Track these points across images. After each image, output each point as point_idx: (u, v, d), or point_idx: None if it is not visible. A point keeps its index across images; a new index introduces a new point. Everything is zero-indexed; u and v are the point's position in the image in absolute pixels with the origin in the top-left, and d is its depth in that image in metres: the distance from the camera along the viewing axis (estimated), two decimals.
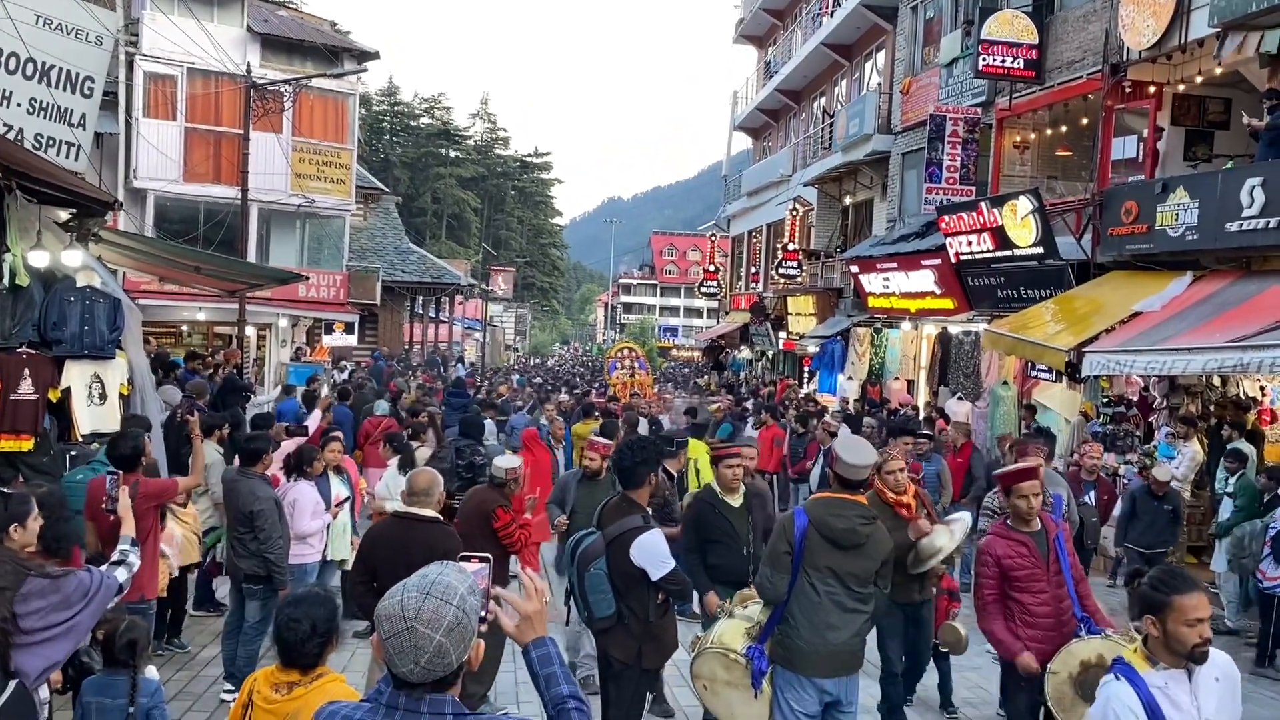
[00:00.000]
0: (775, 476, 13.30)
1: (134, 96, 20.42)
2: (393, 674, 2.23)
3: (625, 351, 22.99)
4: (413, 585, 2.22)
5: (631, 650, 5.02)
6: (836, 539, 4.68)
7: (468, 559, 2.42)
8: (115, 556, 4.18)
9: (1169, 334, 10.62)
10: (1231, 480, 9.93)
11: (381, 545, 5.20)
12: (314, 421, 10.89)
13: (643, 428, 12.30)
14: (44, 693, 3.71)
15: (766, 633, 4.86)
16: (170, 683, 6.92)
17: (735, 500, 6.04)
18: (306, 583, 7.33)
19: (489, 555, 2.47)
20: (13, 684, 3.23)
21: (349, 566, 7.65)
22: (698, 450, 9.97)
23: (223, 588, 8.41)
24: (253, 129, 18.59)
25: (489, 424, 12.63)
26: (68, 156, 10.29)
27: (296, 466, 7.32)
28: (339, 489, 7.83)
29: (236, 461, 7.63)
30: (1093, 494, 9.44)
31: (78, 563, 5.31)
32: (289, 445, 8.25)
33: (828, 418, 13.80)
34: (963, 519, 6.20)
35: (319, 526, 7.37)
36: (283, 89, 20.77)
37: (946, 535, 5.95)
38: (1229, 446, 10.51)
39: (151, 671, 4.57)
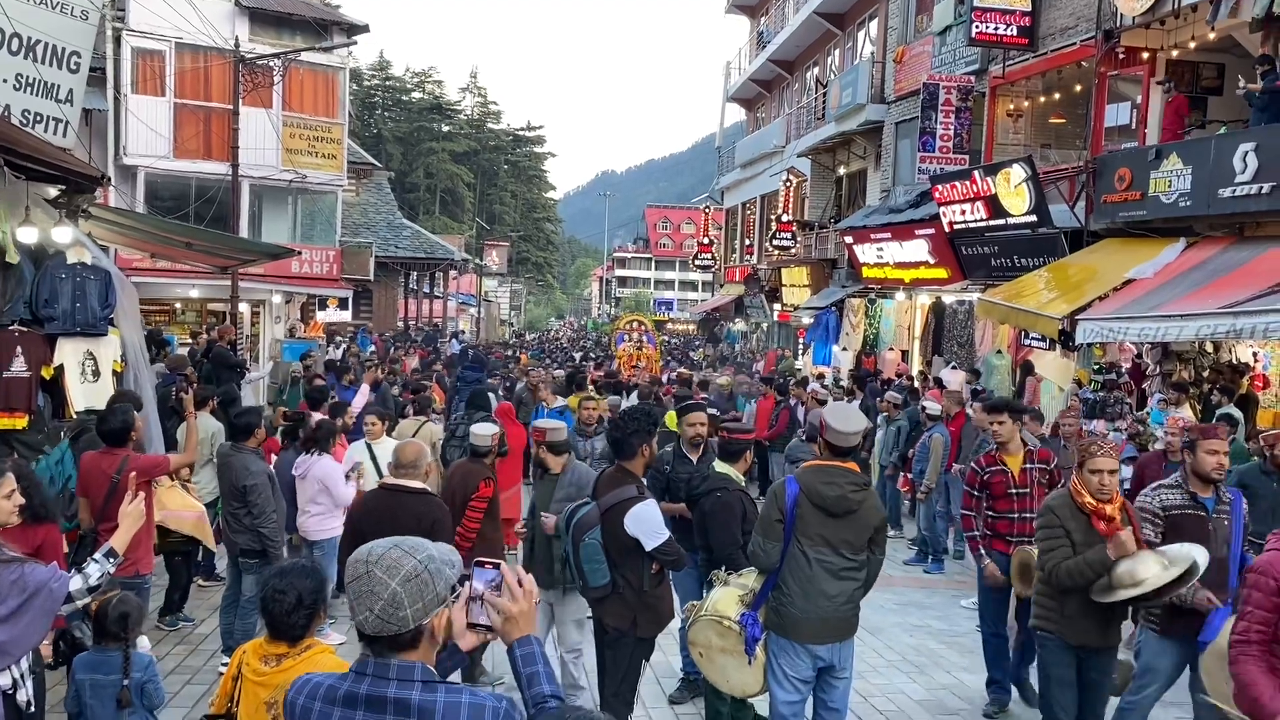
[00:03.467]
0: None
1: (122, 72, 20.24)
2: (358, 631, 2.26)
3: (633, 324, 22.99)
4: (387, 538, 2.28)
5: (626, 619, 5.06)
6: (828, 506, 4.70)
7: (482, 564, 2.42)
8: (86, 562, 3.98)
9: (1162, 301, 10.64)
10: None
11: (370, 516, 5.23)
12: (361, 397, 10.81)
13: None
14: (3, 680, 3.68)
15: (760, 600, 4.90)
16: (168, 656, 6.97)
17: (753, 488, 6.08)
18: None
19: (501, 562, 2.44)
20: None
21: None
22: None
23: (221, 561, 8.45)
24: (242, 104, 18.46)
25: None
26: (55, 132, 10.19)
27: (317, 442, 7.33)
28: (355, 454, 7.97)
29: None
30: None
31: (61, 543, 5.28)
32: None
33: (815, 386, 13.88)
34: (1189, 553, 4.62)
35: (354, 491, 7.40)
36: (272, 63, 20.61)
37: (1157, 565, 4.57)
38: (1219, 412, 10.54)
39: (144, 644, 4.58)
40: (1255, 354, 12.52)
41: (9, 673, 3.76)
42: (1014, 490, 6.41)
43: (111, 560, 4.00)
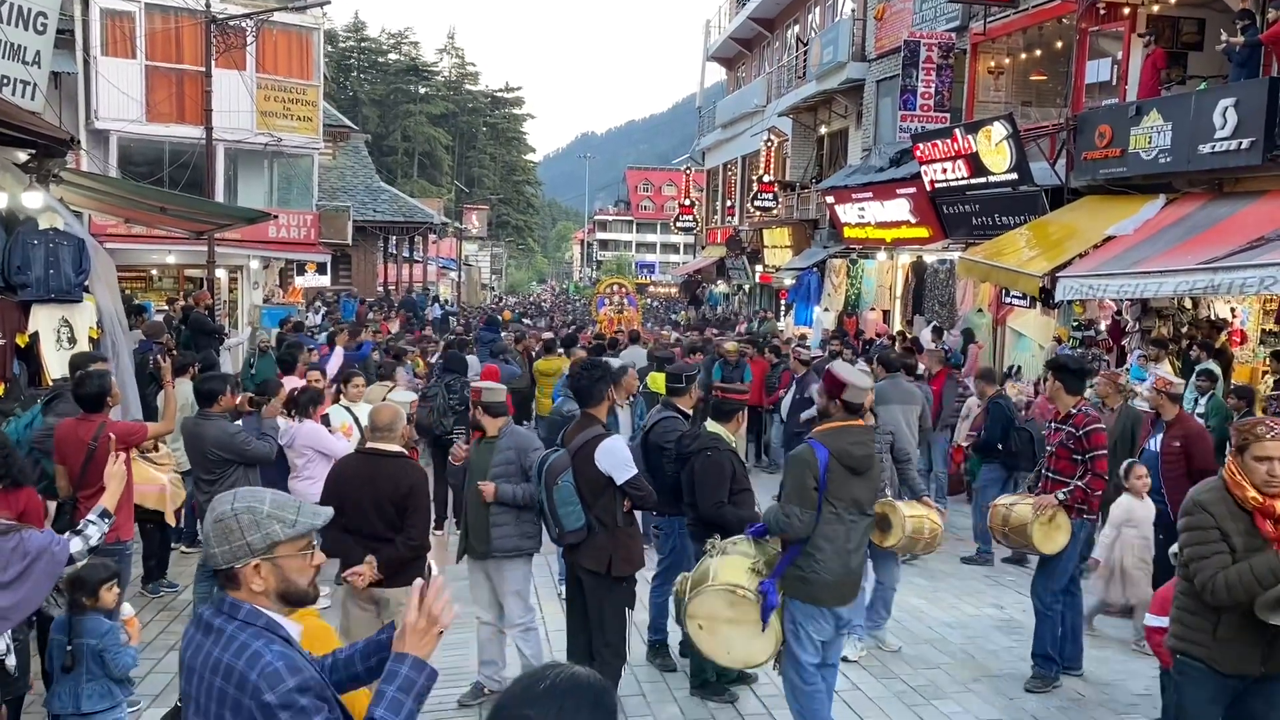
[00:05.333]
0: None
1: (91, 34, 19.84)
2: None
3: (614, 287, 22.91)
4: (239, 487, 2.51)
5: (603, 560, 5.19)
6: (856, 466, 4.69)
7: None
8: (80, 524, 4.01)
9: (1141, 257, 10.68)
10: (1202, 401, 10.05)
11: (348, 481, 5.20)
12: (335, 361, 10.82)
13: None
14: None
15: (781, 567, 4.79)
16: (151, 623, 6.96)
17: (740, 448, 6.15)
18: None
19: (437, 574, 2.48)
20: None
21: None
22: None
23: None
24: (215, 66, 18.14)
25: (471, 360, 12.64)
26: (24, 95, 10.03)
27: (299, 406, 7.30)
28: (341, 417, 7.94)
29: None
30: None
31: (42, 507, 5.26)
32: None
33: (797, 346, 13.87)
34: None
35: (345, 441, 7.35)
36: (244, 24, 20.24)
37: None
38: (1199, 367, 10.62)
39: (126, 610, 4.57)
40: (1233, 309, 12.60)
41: (2, 639, 3.78)
42: (1050, 446, 6.23)
43: (107, 520, 4.10)
